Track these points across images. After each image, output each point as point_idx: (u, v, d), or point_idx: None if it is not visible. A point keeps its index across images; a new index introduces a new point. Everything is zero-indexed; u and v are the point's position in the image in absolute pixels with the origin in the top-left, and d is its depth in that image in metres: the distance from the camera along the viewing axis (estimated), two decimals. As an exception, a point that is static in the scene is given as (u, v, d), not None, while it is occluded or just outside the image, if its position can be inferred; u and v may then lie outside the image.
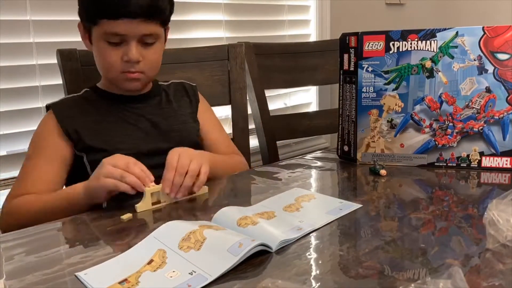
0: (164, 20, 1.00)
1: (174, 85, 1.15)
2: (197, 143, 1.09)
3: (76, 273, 0.61)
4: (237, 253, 0.61)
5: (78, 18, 1.25)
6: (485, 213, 0.66)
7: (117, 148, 0.96)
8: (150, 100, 1.08)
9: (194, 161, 0.87)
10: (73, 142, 0.98)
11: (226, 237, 0.65)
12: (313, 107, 2.08)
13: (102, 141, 0.98)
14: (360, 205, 0.83)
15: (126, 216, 0.80)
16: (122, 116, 1.03)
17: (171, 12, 1.02)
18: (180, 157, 0.87)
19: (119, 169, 0.82)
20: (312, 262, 0.63)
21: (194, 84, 1.19)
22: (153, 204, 0.85)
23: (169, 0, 1.00)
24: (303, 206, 0.83)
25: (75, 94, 1.06)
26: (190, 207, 0.86)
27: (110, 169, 0.82)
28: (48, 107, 1.03)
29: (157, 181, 0.86)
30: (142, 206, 0.84)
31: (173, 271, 0.60)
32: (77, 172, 0.99)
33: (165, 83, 1.15)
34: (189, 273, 0.59)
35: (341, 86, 1.10)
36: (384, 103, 1.05)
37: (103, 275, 0.60)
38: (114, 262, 0.64)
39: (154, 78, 1.07)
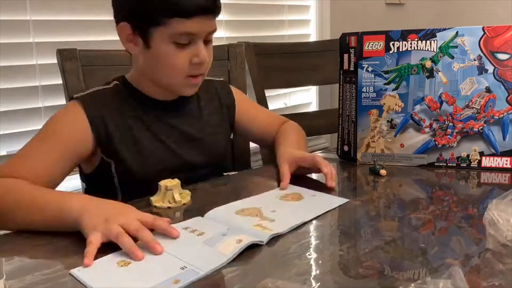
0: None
1: (204, 87, 1.03)
2: (226, 152, 1.09)
3: (71, 271, 0.61)
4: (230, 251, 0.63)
5: (78, 18, 1.24)
6: (485, 213, 0.66)
7: (146, 164, 0.93)
8: (182, 108, 1.00)
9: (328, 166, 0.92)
10: (100, 143, 0.90)
11: (218, 237, 0.67)
12: (313, 107, 2.08)
13: (132, 152, 0.92)
14: (347, 200, 0.84)
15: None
16: (155, 125, 0.95)
17: None
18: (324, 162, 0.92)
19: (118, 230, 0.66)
20: (312, 262, 0.63)
21: (223, 80, 1.14)
22: (169, 202, 0.84)
23: None
24: (292, 202, 0.84)
25: (104, 87, 0.96)
26: (191, 207, 0.86)
27: (114, 227, 0.66)
28: (74, 99, 0.92)
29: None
30: (158, 200, 0.84)
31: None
32: (100, 176, 0.93)
33: None
34: (181, 268, 0.60)
35: (341, 86, 1.10)
36: (384, 103, 1.05)
37: (96, 271, 0.61)
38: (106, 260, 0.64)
39: None
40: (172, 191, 0.84)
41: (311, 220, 0.76)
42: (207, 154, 1.00)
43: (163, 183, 0.84)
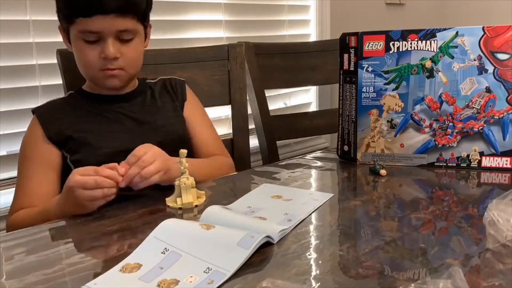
0: (141, 16, 0.99)
1: (162, 82, 1.14)
2: (184, 137, 1.08)
3: (85, 286, 0.58)
4: (248, 246, 0.62)
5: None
6: (485, 213, 0.66)
7: (101, 146, 0.97)
8: (134, 99, 1.07)
9: (156, 163, 0.85)
10: (58, 146, 0.98)
11: (231, 233, 0.66)
12: (313, 107, 2.08)
13: (86, 141, 0.98)
14: (332, 194, 0.86)
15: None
16: (106, 116, 1.03)
17: (148, 8, 1.01)
18: (147, 153, 0.85)
19: (89, 176, 0.80)
20: (312, 262, 0.63)
21: (182, 79, 1.17)
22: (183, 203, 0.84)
23: None
24: (279, 200, 0.86)
25: (60, 97, 1.07)
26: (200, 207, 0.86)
27: (79, 181, 0.79)
28: (33, 112, 1.03)
29: None
30: (170, 200, 0.84)
31: (191, 276, 0.58)
32: (64, 173, 0.97)
33: (153, 81, 1.14)
34: (204, 271, 0.59)
35: (341, 86, 1.10)
36: (384, 103, 1.05)
37: (115, 284, 0.58)
38: (119, 270, 0.61)
39: (135, 75, 1.06)
40: (190, 190, 0.84)
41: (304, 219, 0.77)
42: (162, 136, 1.02)
43: (177, 182, 0.84)
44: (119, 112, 1.04)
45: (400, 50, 1.03)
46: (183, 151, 0.83)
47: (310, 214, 0.79)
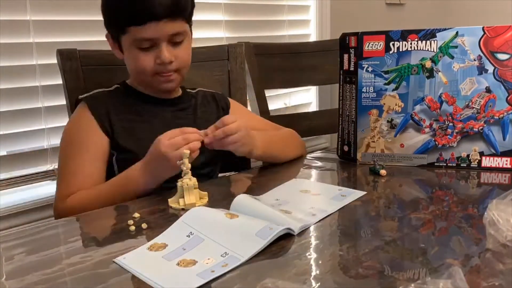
0: (188, 17, 1.00)
1: (203, 93, 1.16)
2: (221, 153, 1.07)
3: (115, 259, 0.64)
4: (265, 236, 0.65)
5: (78, 18, 1.25)
6: (485, 213, 0.66)
7: (145, 150, 0.93)
8: (179, 104, 1.08)
9: (239, 134, 0.92)
10: (108, 137, 0.98)
11: (252, 223, 0.69)
12: (313, 107, 2.08)
13: (133, 141, 0.98)
14: (365, 192, 0.87)
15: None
16: (153, 118, 1.03)
17: (193, 7, 1.02)
18: (234, 122, 0.92)
19: (178, 137, 0.86)
20: (312, 262, 0.63)
21: (221, 93, 1.20)
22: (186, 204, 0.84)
23: None
24: (308, 194, 0.89)
25: (106, 89, 1.05)
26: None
27: (170, 143, 0.85)
28: (78, 101, 1.02)
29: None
30: (173, 201, 0.85)
31: (208, 258, 0.63)
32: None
33: (193, 91, 1.15)
34: (221, 255, 0.63)
35: (341, 86, 1.10)
36: (384, 103, 1.05)
37: (142, 260, 0.64)
38: (145, 247, 0.67)
39: (185, 77, 1.07)
40: (193, 191, 0.84)
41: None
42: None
43: (179, 183, 0.84)
44: (164, 116, 1.04)
45: (400, 50, 1.03)
46: (186, 152, 0.84)
47: (337, 210, 0.80)
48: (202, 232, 0.69)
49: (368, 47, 1.04)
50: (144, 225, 0.75)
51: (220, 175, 1.13)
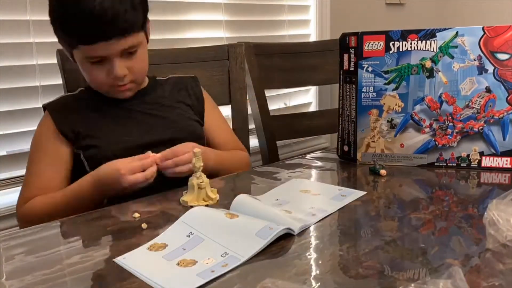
0: (141, 28, 0.98)
1: (173, 80, 1.16)
2: (196, 134, 1.08)
3: (115, 259, 0.64)
4: (265, 236, 0.66)
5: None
6: (485, 213, 0.66)
7: (114, 141, 0.98)
8: (144, 96, 1.08)
9: (184, 166, 0.92)
10: (70, 141, 0.99)
11: (252, 223, 0.70)
12: (313, 107, 2.08)
13: (98, 137, 0.99)
14: (365, 192, 0.87)
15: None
16: (117, 113, 1.04)
17: (145, 14, 1.00)
18: (186, 155, 0.92)
19: (137, 162, 0.89)
20: (312, 262, 0.63)
21: (193, 76, 1.18)
22: (204, 200, 0.85)
23: (141, 4, 0.97)
24: (308, 194, 0.88)
25: (71, 93, 1.07)
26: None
27: (129, 165, 0.88)
28: (44, 108, 1.04)
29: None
30: (193, 199, 0.84)
31: (208, 258, 0.63)
32: (75, 169, 1.00)
33: (163, 78, 1.15)
34: (221, 255, 0.63)
35: (341, 86, 1.10)
36: (384, 103, 1.05)
37: (142, 260, 0.64)
38: (145, 246, 0.67)
39: (144, 79, 1.08)
40: (205, 189, 0.85)
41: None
42: (174, 130, 1.04)
43: (195, 181, 0.84)
44: (130, 109, 1.05)
45: (400, 50, 1.03)
46: (197, 151, 0.84)
47: (337, 210, 0.80)
48: (202, 232, 0.69)
49: (368, 47, 1.04)
50: (144, 225, 0.75)
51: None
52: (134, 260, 0.64)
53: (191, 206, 0.82)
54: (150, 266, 0.62)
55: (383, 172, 0.99)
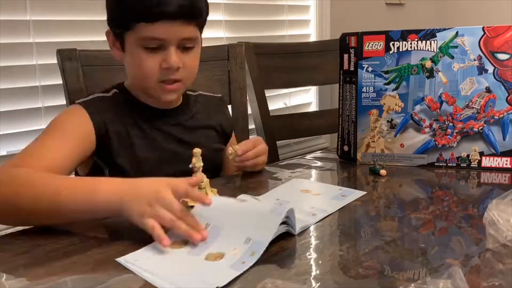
0: (202, 23, 0.93)
1: (203, 99, 1.09)
2: (217, 164, 1.07)
3: (119, 259, 0.63)
4: (280, 211, 0.66)
5: (78, 18, 1.24)
6: (485, 213, 0.66)
7: (140, 169, 0.92)
8: (181, 116, 1.01)
9: (263, 156, 1.01)
10: (99, 148, 0.91)
11: (262, 205, 0.73)
12: (313, 107, 2.08)
13: (129, 158, 0.93)
14: (365, 192, 0.87)
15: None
16: (152, 132, 0.96)
17: (207, 14, 0.95)
18: (261, 145, 1.00)
19: (169, 214, 0.67)
20: (312, 262, 0.63)
21: (220, 96, 1.17)
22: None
23: (206, 2, 0.93)
24: (308, 194, 0.88)
25: (104, 94, 0.97)
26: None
27: (161, 212, 0.67)
28: (73, 103, 0.94)
29: None
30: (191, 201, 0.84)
31: (234, 248, 0.63)
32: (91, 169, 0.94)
33: (193, 94, 1.09)
34: (245, 242, 0.64)
35: (341, 86, 1.10)
36: (384, 103, 1.05)
37: (153, 258, 0.63)
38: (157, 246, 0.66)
39: (191, 84, 1.00)
40: (205, 189, 0.84)
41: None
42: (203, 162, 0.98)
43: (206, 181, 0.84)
44: (164, 130, 0.98)
45: (400, 50, 1.03)
46: (197, 150, 0.81)
47: (337, 210, 0.80)
48: (218, 222, 0.68)
49: (368, 47, 1.04)
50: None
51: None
52: (148, 261, 0.62)
53: (191, 206, 0.82)
54: (173, 265, 0.61)
55: (383, 172, 0.99)
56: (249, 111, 1.50)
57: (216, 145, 1.07)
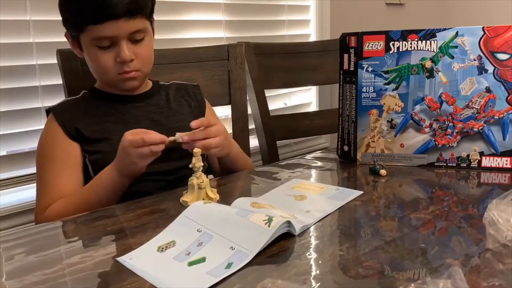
0: (149, 14, 1.00)
1: (176, 85, 1.16)
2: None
3: (119, 258, 0.64)
4: (272, 225, 0.65)
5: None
6: (485, 213, 0.66)
7: (116, 147, 0.94)
8: (149, 99, 1.08)
9: (218, 138, 0.92)
10: (78, 142, 0.99)
11: (258, 215, 0.70)
12: (313, 107, 2.08)
13: (102, 140, 0.98)
14: (362, 192, 0.88)
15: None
16: (122, 116, 1.03)
17: (153, 4, 1.02)
18: (215, 125, 0.92)
19: (138, 135, 0.85)
20: (312, 262, 0.63)
21: (195, 84, 1.19)
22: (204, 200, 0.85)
23: None
24: (305, 195, 0.87)
25: (74, 97, 1.06)
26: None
27: (130, 139, 0.85)
28: (48, 112, 1.03)
29: (155, 178, 0.94)
30: (193, 199, 0.84)
31: (217, 255, 0.63)
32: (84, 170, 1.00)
33: (166, 83, 1.15)
34: (230, 248, 0.64)
35: (341, 86, 1.10)
36: (384, 103, 1.05)
37: (151, 261, 0.63)
38: (153, 246, 0.67)
39: (149, 74, 1.07)
40: (205, 189, 0.85)
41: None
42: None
43: (195, 181, 0.84)
44: (134, 112, 1.05)
45: (400, 50, 1.03)
46: (197, 150, 0.84)
47: (336, 210, 0.80)
48: (210, 228, 0.68)
49: (368, 47, 1.04)
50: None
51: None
52: (142, 261, 0.63)
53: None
54: (160, 267, 0.62)
55: (383, 172, 0.99)
56: (249, 111, 1.50)
57: (187, 123, 1.10)
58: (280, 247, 0.66)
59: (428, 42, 1.01)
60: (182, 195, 0.87)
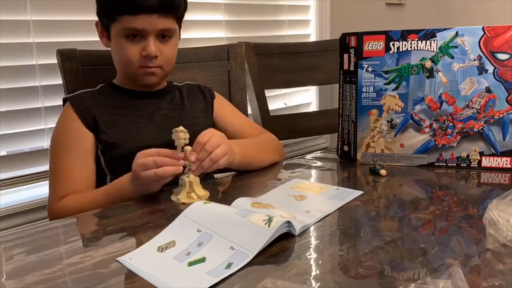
0: (179, 16, 1.04)
1: (188, 85, 1.18)
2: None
3: (119, 258, 0.64)
4: (272, 225, 0.65)
5: (78, 18, 1.25)
6: (485, 213, 0.66)
7: (131, 140, 1.00)
8: (164, 96, 1.11)
9: (222, 146, 0.89)
10: (93, 131, 1.00)
11: (258, 215, 0.69)
12: (313, 107, 2.08)
13: (116, 134, 1.00)
14: (362, 192, 0.87)
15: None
16: (136, 110, 1.05)
17: (185, 9, 1.06)
18: (211, 138, 0.89)
19: (150, 158, 0.84)
20: (312, 262, 0.63)
21: (209, 87, 1.21)
22: (193, 198, 0.86)
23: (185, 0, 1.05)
24: (305, 195, 0.87)
25: (91, 89, 1.08)
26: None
27: (140, 164, 0.85)
28: (64, 100, 1.05)
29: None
30: (183, 197, 0.85)
31: (218, 255, 0.63)
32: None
33: (179, 84, 1.18)
34: (230, 248, 0.64)
35: (341, 86, 1.10)
36: (384, 103, 1.05)
37: (151, 261, 0.63)
38: (153, 246, 0.67)
39: (169, 73, 1.10)
40: (195, 186, 0.86)
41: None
42: (189, 132, 1.01)
43: (186, 179, 0.85)
44: (149, 107, 1.07)
45: (400, 50, 1.03)
46: (188, 148, 0.86)
47: (336, 210, 0.80)
48: (210, 228, 0.68)
49: (368, 47, 1.04)
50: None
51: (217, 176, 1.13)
52: (142, 261, 0.63)
53: (183, 203, 0.84)
54: (160, 267, 0.62)
55: (383, 172, 0.99)
56: (249, 111, 1.50)
57: (204, 118, 1.13)
58: (280, 247, 0.66)
59: (428, 42, 1.01)
60: (173, 193, 0.88)
